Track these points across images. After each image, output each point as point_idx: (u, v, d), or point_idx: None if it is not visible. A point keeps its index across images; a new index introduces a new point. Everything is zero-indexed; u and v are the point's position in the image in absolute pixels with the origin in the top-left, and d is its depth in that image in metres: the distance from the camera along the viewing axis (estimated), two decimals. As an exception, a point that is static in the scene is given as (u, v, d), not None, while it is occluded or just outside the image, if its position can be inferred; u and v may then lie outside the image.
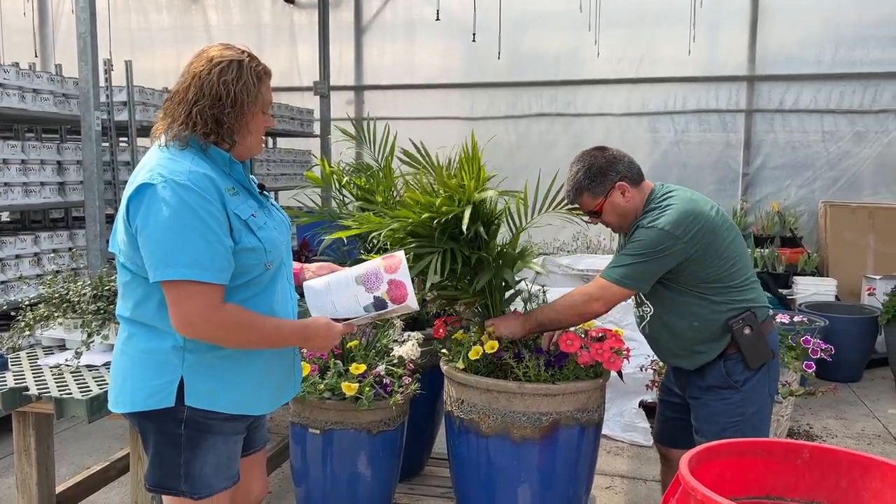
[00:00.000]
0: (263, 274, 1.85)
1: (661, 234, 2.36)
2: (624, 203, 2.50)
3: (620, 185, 2.49)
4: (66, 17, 8.38)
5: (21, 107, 4.29)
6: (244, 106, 1.79)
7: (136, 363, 1.83)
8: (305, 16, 8.11)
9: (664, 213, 2.40)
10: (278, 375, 1.98)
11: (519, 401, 2.52)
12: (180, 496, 1.88)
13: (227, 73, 1.77)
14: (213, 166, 1.81)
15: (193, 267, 1.68)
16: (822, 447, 1.91)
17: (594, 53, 6.78)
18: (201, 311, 1.71)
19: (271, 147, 7.08)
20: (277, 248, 1.88)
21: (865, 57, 6.69)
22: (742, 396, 2.44)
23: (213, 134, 1.78)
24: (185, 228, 1.68)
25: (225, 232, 1.74)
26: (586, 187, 2.50)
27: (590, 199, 2.51)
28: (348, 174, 3.54)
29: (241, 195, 1.85)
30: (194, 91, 1.77)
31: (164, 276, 1.69)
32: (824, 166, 6.84)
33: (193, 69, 1.80)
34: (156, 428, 1.84)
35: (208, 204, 1.72)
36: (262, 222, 1.85)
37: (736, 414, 2.44)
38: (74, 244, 4.67)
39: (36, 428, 2.59)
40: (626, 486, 3.69)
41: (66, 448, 4.04)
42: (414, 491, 3.31)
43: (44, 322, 2.78)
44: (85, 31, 4.02)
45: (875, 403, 5.00)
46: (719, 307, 2.43)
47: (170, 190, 1.69)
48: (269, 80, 1.89)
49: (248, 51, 1.86)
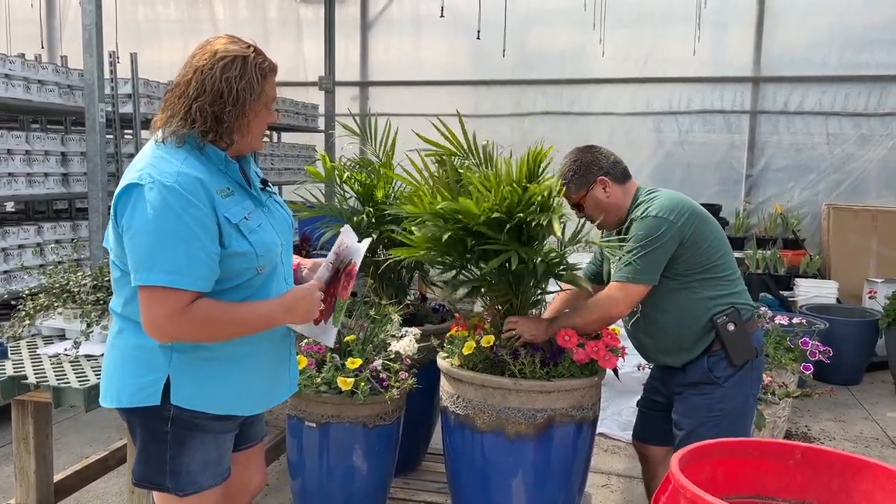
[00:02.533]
0: (255, 278, 1.81)
1: (656, 221, 2.46)
2: (605, 198, 2.62)
3: (602, 179, 2.62)
4: (73, 9, 8.39)
5: (26, 97, 4.31)
6: (246, 104, 1.74)
7: (125, 358, 1.82)
8: (312, 11, 8.11)
9: (653, 203, 2.52)
10: (269, 377, 1.95)
11: (514, 397, 2.53)
12: (166, 492, 1.86)
13: (231, 69, 1.72)
14: (208, 165, 1.77)
15: (170, 273, 1.64)
16: (814, 448, 1.92)
17: (599, 52, 6.76)
18: (169, 314, 1.66)
19: (275, 142, 7.09)
20: (270, 251, 1.83)
21: (872, 59, 6.66)
22: (723, 392, 2.50)
23: (212, 132, 1.74)
24: (166, 233, 1.64)
25: (211, 237, 1.70)
26: (570, 179, 2.63)
27: (573, 192, 2.64)
28: (350, 169, 3.56)
29: (237, 195, 1.80)
30: (195, 86, 1.72)
31: (140, 281, 1.67)
32: (828, 169, 6.82)
33: (196, 62, 1.74)
34: (142, 424, 1.83)
35: (193, 208, 1.67)
36: (255, 225, 1.80)
37: (715, 409, 2.50)
38: (77, 235, 4.70)
39: (34, 416, 2.61)
40: (622, 484, 3.70)
41: (66, 438, 4.06)
42: (410, 485, 3.33)
43: (44, 312, 2.80)
44: (90, 23, 4.03)
45: (874, 407, 5.00)
46: (706, 302, 2.50)
47: (156, 192, 1.65)
48: (275, 77, 1.84)
49: (254, 45, 1.81)
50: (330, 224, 3.44)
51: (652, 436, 2.78)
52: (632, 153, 7.24)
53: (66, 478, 2.91)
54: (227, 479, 1.95)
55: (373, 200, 3.45)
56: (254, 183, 1.90)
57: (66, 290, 2.80)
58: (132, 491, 2.52)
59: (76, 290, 2.78)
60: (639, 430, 2.87)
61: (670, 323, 2.55)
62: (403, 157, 3.61)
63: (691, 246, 2.48)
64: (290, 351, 2.04)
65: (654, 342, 2.64)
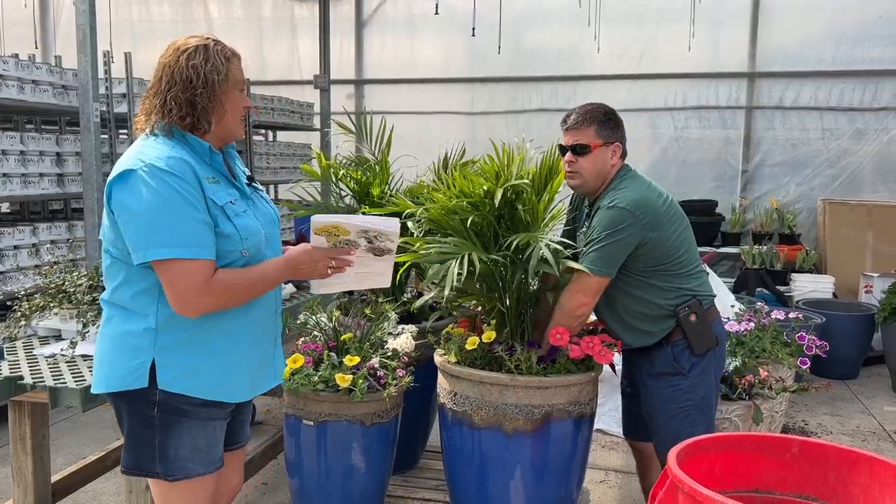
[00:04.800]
0: (239, 261, 1.88)
1: (621, 213, 2.45)
2: (609, 162, 2.57)
3: (618, 145, 2.59)
4: (66, 9, 8.38)
5: (20, 98, 4.30)
6: (215, 85, 1.85)
7: (113, 345, 1.88)
8: (306, 9, 8.11)
9: (620, 194, 2.50)
10: (254, 364, 2.01)
11: (511, 393, 2.53)
12: (156, 478, 1.91)
13: (195, 56, 1.84)
14: (194, 155, 1.86)
15: (182, 246, 1.75)
16: (811, 442, 1.92)
17: (594, 49, 6.77)
18: (198, 287, 1.77)
19: (271, 140, 7.08)
20: (254, 235, 1.91)
21: (866, 54, 6.68)
22: (690, 382, 2.53)
23: (189, 117, 1.84)
24: (171, 210, 1.75)
25: (204, 213, 1.81)
26: (599, 121, 2.55)
27: (592, 134, 2.55)
28: (345, 167, 3.55)
29: (222, 184, 1.90)
30: (166, 80, 1.85)
31: (155, 256, 1.75)
32: (823, 164, 6.84)
33: (162, 61, 1.88)
34: (129, 409, 1.89)
35: (189, 185, 1.78)
36: (240, 210, 1.90)
37: (685, 400, 2.54)
38: (73, 235, 4.68)
39: (31, 417, 2.60)
40: (620, 480, 3.70)
41: (64, 438, 4.05)
42: (408, 483, 3.33)
43: (40, 312, 2.80)
44: (84, 23, 4.02)
45: (871, 401, 5.01)
46: (665, 294, 2.53)
47: (151, 174, 1.76)
48: (239, 61, 1.95)
49: (213, 37, 1.92)
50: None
51: (638, 431, 2.80)
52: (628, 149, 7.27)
53: (63, 478, 2.91)
54: (219, 468, 1.98)
55: (369, 198, 3.45)
56: (239, 177, 2.01)
57: (61, 291, 2.80)
58: (129, 491, 2.51)
59: (72, 290, 2.78)
60: (626, 427, 2.89)
61: (629, 306, 2.57)
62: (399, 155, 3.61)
63: (650, 245, 2.48)
64: (274, 342, 2.09)
65: (611, 321, 2.65)
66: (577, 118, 2.57)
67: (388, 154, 3.53)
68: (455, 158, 3.62)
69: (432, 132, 7.24)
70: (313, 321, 2.96)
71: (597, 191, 2.61)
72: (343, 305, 3.30)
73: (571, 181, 2.62)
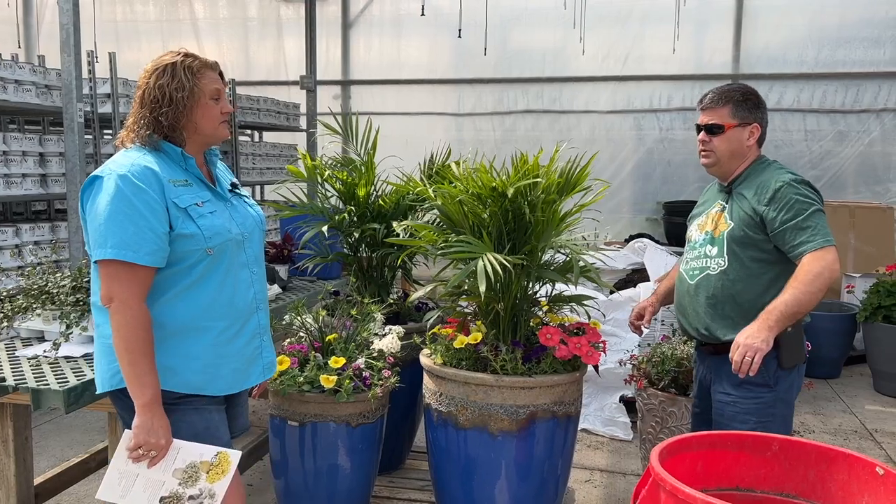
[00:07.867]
0: (204, 260, 1.95)
1: (803, 184, 2.35)
2: (745, 143, 2.46)
3: (756, 126, 2.48)
4: (50, 8, 8.31)
5: (2, 98, 4.26)
6: (178, 103, 1.95)
7: (103, 348, 1.97)
8: (292, 10, 8.09)
9: (782, 175, 2.39)
10: (235, 361, 2.05)
11: (496, 393, 2.54)
12: None
13: (162, 76, 1.96)
14: (167, 160, 1.98)
15: (120, 248, 1.84)
16: (791, 440, 1.94)
17: (580, 51, 6.81)
18: (125, 296, 1.85)
19: (257, 141, 7.06)
20: (220, 235, 1.98)
21: (848, 57, 6.76)
22: (775, 396, 2.37)
23: (157, 133, 1.97)
24: (118, 214, 1.85)
25: (158, 219, 1.88)
26: (736, 101, 2.46)
27: (728, 114, 2.46)
28: (331, 168, 3.55)
29: (194, 186, 2.00)
30: (139, 101, 1.99)
31: (95, 256, 1.88)
32: (806, 165, 6.90)
33: (139, 84, 2.01)
34: (125, 406, 1.95)
35: (143, 193, 1.87)
36: (207, 211, 1.98)
37: (766, 415, 2.37)
38: (56, 237, 4.64)
39: (13, 419, 2.58)
40: (605, 479, 3.72)
41: (48, 441, 4.02)
42: (394, 484, 3.33)
43: (22, 313, 2.77)
44: (68, 22, 3.99)
45: (852, 400, 5.06)
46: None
47: (111, 180, 1.87)
48: (211, 71, 2.02)
49: (186, 51, 2.02)
50: (311, 223, 3.44)
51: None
52: (613, 151, 7.31)
53: (46, 481, 2.89)
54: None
55: (355, 199, 3.45)
56: (219, 181, 2.10)
57: (44, 292, 2.77)
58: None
59: (55, 291, 2.76)
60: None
61: (744, 293, 2.38)
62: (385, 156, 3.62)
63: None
64: (261, 336, 2.13)
65: (712, 305, 2.43)
66: (713, 98, 2.49)
67: (374, 155, 3.53)
68: (441, 159, 3.63)
69: (419, 133, 7.26)
70: (299, 322, 2.96)
71: (731, 172, 2.49)
72: (328, 306, 3.30)
73: (704, 160, 2.51)
